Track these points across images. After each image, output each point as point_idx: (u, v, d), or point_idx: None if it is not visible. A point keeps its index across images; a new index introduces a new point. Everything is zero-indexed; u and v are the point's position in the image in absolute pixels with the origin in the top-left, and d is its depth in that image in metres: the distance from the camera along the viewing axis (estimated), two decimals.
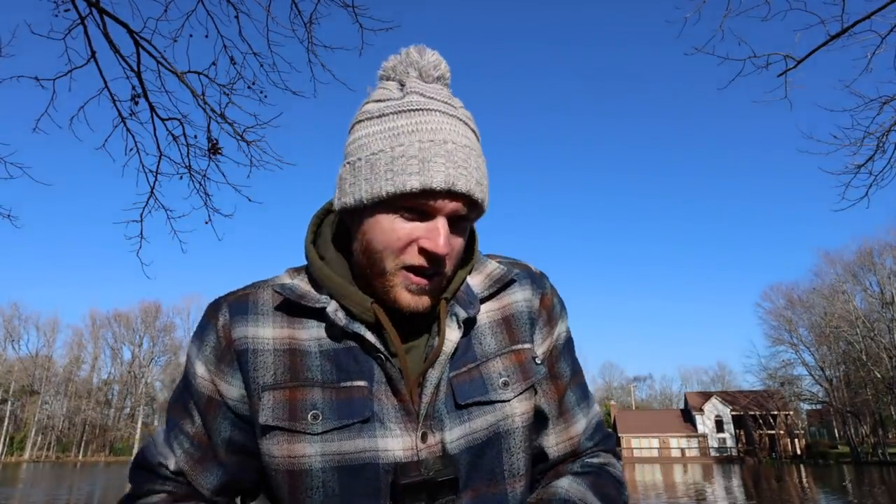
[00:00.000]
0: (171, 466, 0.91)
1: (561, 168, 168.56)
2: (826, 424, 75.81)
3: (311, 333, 0.89)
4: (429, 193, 0.80)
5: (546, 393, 0.96)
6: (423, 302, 0.85)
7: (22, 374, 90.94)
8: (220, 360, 0.89)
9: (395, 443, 0.82)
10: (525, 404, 0.91)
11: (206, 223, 5.52)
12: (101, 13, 4.49)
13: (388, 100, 0.87)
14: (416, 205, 0.82)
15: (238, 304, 0.91)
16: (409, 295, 0.84)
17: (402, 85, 0.88)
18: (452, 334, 0.88)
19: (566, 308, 1.04)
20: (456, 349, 0.88)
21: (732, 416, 70.45)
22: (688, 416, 73.57)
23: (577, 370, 1.01)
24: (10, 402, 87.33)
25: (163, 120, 5.13)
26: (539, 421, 0.96)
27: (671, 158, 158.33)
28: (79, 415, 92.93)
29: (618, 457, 1.00)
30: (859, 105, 5.69)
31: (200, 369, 0.89)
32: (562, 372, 0.98)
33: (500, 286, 0.97)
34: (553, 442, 0.97)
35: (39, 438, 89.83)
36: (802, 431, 72.11)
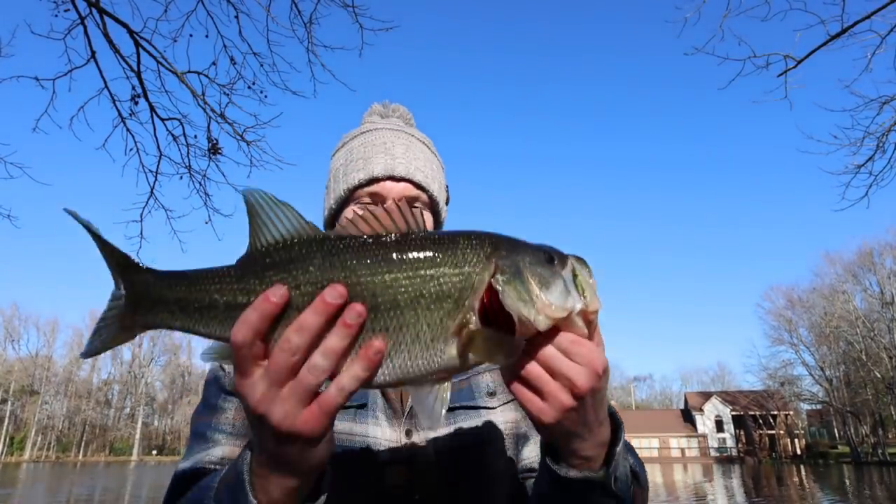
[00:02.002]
0: (217, 454, 0.89)
1: (561, 169, 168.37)
2: (826, 424, 75.68)
3: None
4: (373, 181, 1.00)
5: None
6: None
7: (22, 374, 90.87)
8: None
9: (384, 433, 0.90)
10: (510, 414, 0.99)
11: (206, 223, 5.54)
12: (101, 13, 4.49)
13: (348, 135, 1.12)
14: (368, 195, 1.00)
15: None
16: None
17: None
18: None
19: None
20: None
21: (732, 416, 70.42)
22: (688, 416, 73.53)
23: None
24: (10, 402, 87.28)
25: (163, 120, 5.14)
26: (526, 440, 1.00)
27: (671, 159, 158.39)
28: (79, 415, 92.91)
29: None
30: (859, 105, 5.71)
31: None
32: None
33: None
34: (535, 452, 0.97)
35: (39, 438, 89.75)
36: (802, 431, 72.09)
